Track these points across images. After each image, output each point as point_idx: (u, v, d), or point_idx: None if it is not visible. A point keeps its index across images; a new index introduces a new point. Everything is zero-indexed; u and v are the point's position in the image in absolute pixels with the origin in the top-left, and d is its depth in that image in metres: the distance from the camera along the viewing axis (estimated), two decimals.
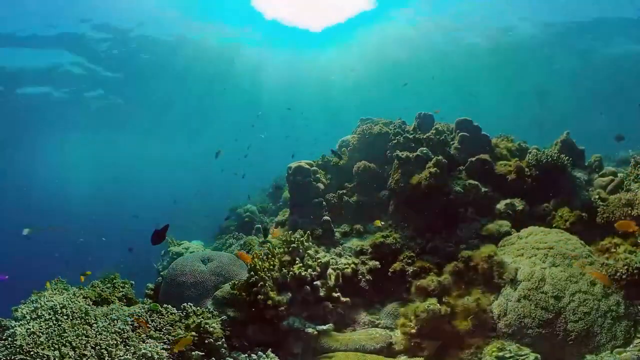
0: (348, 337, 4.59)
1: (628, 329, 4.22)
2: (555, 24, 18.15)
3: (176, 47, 18.53)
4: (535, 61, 22.84)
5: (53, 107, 22.57)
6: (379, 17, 16.78)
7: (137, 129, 29.48)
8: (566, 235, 5.06)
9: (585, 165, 6.60)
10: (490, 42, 19.65)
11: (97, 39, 17.31)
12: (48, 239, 19.74)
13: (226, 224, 10.32)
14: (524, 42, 19.78)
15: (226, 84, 22.39)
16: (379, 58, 21.19)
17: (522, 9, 16.58)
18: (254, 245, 7.05)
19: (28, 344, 3.40)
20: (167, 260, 8.14)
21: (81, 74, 19.95)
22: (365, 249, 5.77)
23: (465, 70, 23.26)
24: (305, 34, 17.94)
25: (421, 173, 5.96)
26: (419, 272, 5.19)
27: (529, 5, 16.35)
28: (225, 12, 15.85)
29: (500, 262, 4.77)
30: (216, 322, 4.19)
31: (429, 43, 19.48)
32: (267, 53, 19.67)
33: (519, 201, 5.88)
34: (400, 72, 21.63)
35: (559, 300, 4.32)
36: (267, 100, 25.70)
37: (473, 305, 4.49)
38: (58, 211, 36.75)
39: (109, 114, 25.53)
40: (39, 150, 30.90)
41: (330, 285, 4.82)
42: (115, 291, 4.75)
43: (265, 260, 4.70)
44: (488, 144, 6.68)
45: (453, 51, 20.59)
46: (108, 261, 10.70)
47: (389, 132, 7.17)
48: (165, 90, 23.12)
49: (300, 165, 6.80)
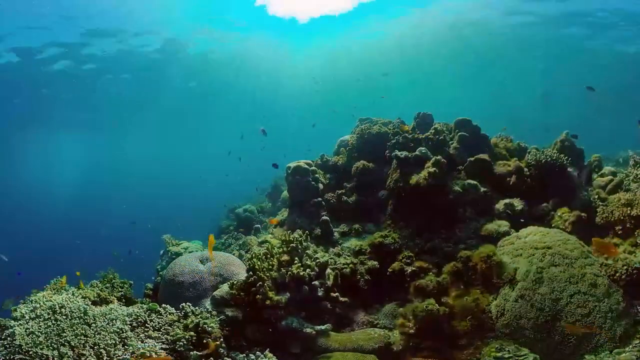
0: (346, 337, 4.59)
1: (627, 329, 4.22)
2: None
3: (170, 46, 18.48)
4: (537, 60, 22.87)
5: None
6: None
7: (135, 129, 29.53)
8: (565, 236, 5.05)
9: (585, 165, 6.60)
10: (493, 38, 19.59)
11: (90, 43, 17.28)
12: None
13: (226, 224, 10.31)
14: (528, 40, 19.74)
15: (225, 84, 22.40)
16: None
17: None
18: (253, 245, 7.05)
19: (27, 344, 3.40)
20: (166, 260, 8.14)
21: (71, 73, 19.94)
22: (364, 248, 5.77)
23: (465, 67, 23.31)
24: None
25: (420, 173, 5.96)
26: (417, 272, 5.19)
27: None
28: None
29: (499, 262, 4.76)
30: (215, 322, 4.19)
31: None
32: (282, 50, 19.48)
33: (518, 201, 5.88)
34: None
35: (558, 300, 4.32)
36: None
37: (472, 305, 4.49)
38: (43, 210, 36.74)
39: (108, 114, 25.59)
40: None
41: (328, 285, 4.83)
42: (114, 291, 4.75)
43: (264, 260, 4.70)
44: (487, 143, 6.67)
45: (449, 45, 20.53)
46: (107, 262, 10.70)
47: (387, 132, 7.17)
48: (156, 89, 23.03)
49: (299, 165, 6.80)
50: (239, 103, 27.25)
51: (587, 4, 16.29)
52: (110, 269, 5.11)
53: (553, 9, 16.75)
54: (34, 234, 28.62)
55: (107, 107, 24.68)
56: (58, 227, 28.49)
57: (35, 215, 35.40)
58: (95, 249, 17.70)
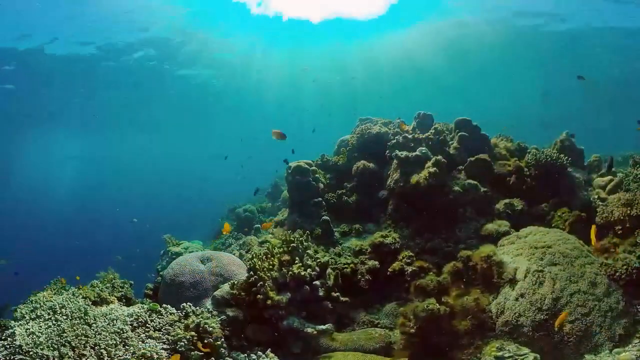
0: (347, 337, 4.59)
1: (627, 328, 4.23)
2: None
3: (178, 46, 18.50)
4: (539, 60, 22.88)
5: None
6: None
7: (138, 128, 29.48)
8: (565, 235, 5.06)
9: (585, 165, 6.61)
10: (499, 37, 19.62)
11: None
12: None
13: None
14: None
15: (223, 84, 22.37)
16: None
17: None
18: (254, 245, 7.05)
19: (27, 344, 3.40)
20: (167, 260, 8.15)
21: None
22: (365, 248, 5.77)
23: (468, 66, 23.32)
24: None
25: (420, 173, 5.96)
26: (418, 272, 5.20)
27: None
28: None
29: (499, 262, 4.77)
30: (215, 322, 4.19)
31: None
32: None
33: (518, 201, 5.89)
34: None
35: (558, 300, 4.32)
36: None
37: (472, 305, 4.49)
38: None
39: (106, 114, 25.55)
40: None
41: (329, 285, 4.83)
42: (114, 291, 4.74)
43: (264, 260, 4.70)
44: (487, 143, 6.68)
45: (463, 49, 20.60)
46: (107, 261, 10.71)
47: (388, 132, 7.17)
48: (162, 91, 23.02)
49: (300, 164, 6.80)
50: (241, 103, 27.22)
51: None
52: (111, 269, 5.11)
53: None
54: (34, 233, 28.64)
55: (108, 107, 24.66)
56: (58, 227, 28.48)
57: (35, 215, 35.43)
58: (96, 248, 17.72)
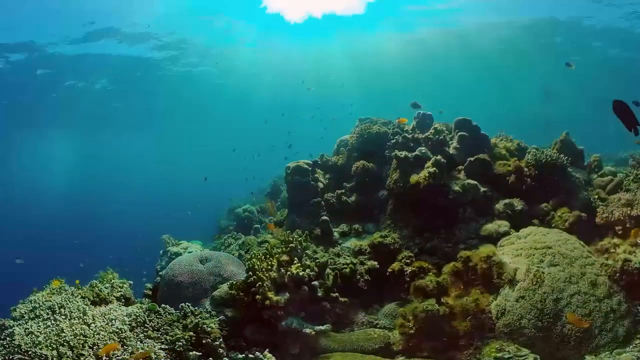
0: (346, 338, 4.59)
1: (628, 329, 4.22)
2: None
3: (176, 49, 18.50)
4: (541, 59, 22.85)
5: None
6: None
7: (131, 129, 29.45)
8: (565, 236, 5.05)
9: (585, 165, 6.60)
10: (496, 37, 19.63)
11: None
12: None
13: (225, 224, 10.32)
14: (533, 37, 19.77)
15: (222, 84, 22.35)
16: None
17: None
18: (253, 245, 7.04)
19: (26, 344, 3.40)
20: (166, 260, 8.14)
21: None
22: (364, 249, 5.76)
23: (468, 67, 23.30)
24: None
25: (420, 173, 5.95)
26: (417, 272, 5.18)
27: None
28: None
29: (499, 263, 4.75)
30: (214, 322, 4.18)
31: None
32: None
33: (518, 201, 5.87)
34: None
35: (558, 300, 4.31)
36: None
37: (472, 305, 4.48)
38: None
39: (105, 114, 25.56)
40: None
41: (328, 285, 4.82)
42: (113, 291, 4.73)
43: (263, 260, 4.69)
44: (487, 143, 6.66)
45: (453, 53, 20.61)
46: (106, 261, 10.72)
47: (387, 132, 7.16)
48: (158, 92, 23.01)
49: (299, 165, 6.79)
50: (239, 102, 27.22)
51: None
52: (110, 268, 5.10)
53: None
54: (34, 234, 28.62)
55: (107, 106, 24.67)
56: (57, 227, 28.43)
57: (35, 216, 35.40)
58: (96, 248, 17.72)
